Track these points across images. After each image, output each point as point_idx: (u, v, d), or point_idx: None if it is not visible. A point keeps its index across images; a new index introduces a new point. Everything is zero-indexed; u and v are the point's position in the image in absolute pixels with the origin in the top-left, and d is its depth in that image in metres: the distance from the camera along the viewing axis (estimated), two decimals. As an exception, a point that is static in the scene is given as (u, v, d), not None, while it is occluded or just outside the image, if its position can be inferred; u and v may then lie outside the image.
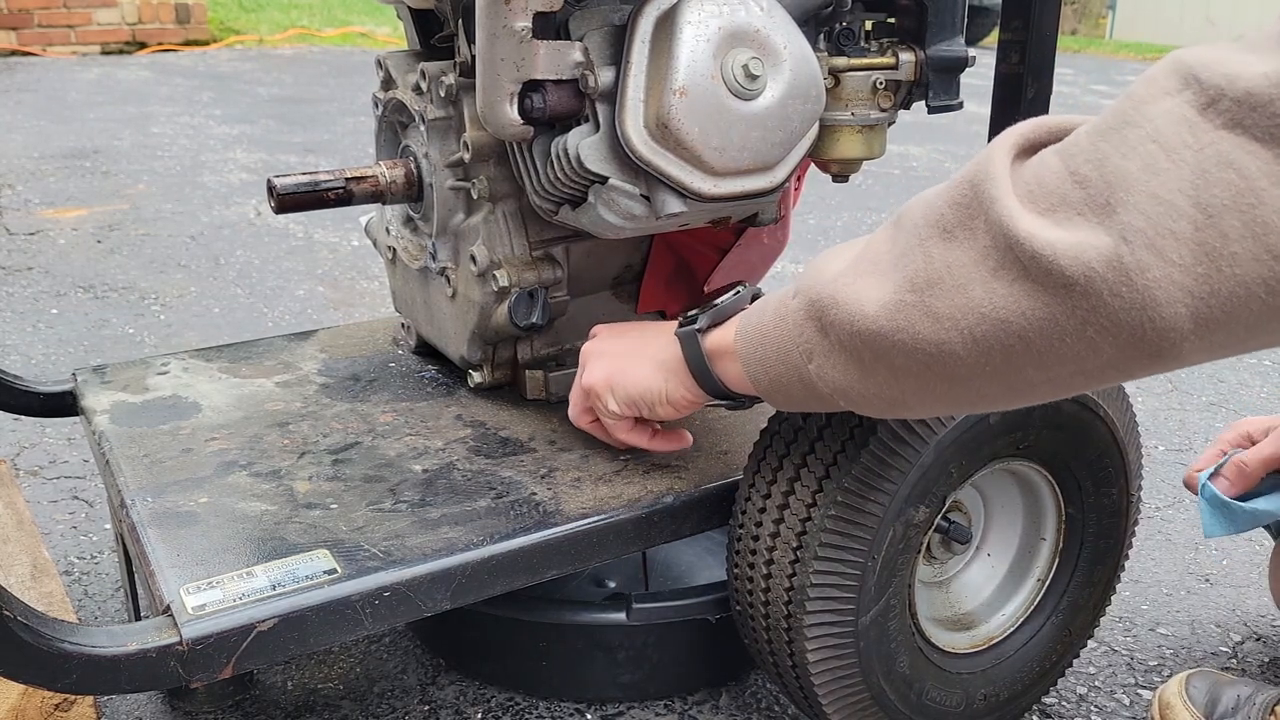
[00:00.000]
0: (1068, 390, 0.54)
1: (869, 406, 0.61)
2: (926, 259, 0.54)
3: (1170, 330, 0.46)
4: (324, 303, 2.07)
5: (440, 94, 0.90)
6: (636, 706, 0.97)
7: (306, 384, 1.01)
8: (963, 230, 0.52)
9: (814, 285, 0.60)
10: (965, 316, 0.52)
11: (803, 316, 0.61)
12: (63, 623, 0.63)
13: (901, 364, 0.56)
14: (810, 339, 0.61)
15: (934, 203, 0.55)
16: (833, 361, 0.60)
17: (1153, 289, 0.45)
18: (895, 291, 0.55)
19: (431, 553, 0.73)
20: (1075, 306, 0.48)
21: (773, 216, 0.95)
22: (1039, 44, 0.93)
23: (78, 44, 5.66)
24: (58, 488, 1.35)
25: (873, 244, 0.59)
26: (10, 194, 2.81)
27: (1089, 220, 0.47)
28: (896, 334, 0.55)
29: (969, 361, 0.53)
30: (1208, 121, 0.45)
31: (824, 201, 2.95)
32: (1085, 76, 6.55)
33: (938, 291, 0.53)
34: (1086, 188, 0.48)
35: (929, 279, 0.53)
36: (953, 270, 0.52)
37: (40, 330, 1.89)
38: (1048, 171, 0.50)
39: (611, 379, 0.81)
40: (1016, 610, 0.91)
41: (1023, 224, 0.49)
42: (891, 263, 0.56)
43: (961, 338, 0.52)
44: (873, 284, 0.56)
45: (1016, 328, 0.50)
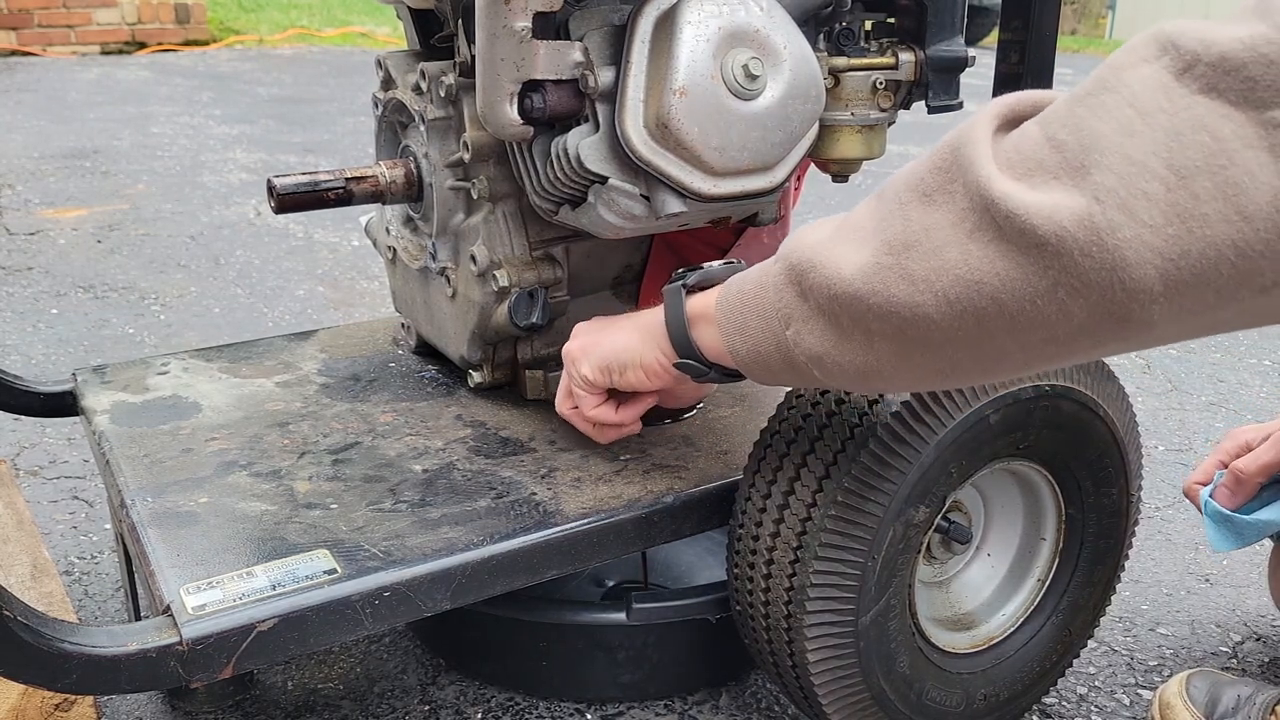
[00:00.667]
0: (1040, 361, 0.54)
1: (843, 376, 0.61)
2: (905, 221, 0.54)
3: (1140, 291, 0.46)
4: (324, 303, 2.07)
5: (440, 94, 0.90)
6: (636, 706, 0.97)
7: (306, 384, 1.01)
8: (941, 194, 0.53)
9: (795, 250, 0.61)
10: (940, 278, 0.52)
11: (783, 280, 0.61)
12: (63, 623, 0.63)
13: (877, 328, 0.56)
14: (789, 303, 0.61)
15: (916, 168, 0.55)
16: (810, 326, 0.60)
17: (1123, 249, 0.45)
18: (873, 254, 0.55)
19: (431, 553, 0.73)
20: (1047, 266, 0.48)
21: (772, 216, 0.95)
22: (1039, 44, 0.93)
23: (77, 44, 5.66)
24: (58, 488, 1.35)
25: (856, 212, 0.59)
26: (10, 194, 2.81)
27: (1063, 182, 0.48)
28: (872, 296, 0.55)
29: (943, 325, 0.53)
30: (1183, 86, 0.45)
31: (824, 201, 2.95)
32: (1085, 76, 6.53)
33: (914, 253, 0.53)
34: (1062, 151, 0.48)
35: (906, 241, 0.54)
36: (930, 232, 0.53)
37: (40, 330, 1.89)
38: (1026, 140, 0.50)
39: (587, 346, 0.81)
40: (1017, 610, 0.91)
41: (998, 185, 0.49)
42: (872, 228, 0.56)
43: (936, 300, 0.52)
44: (852, 248, 0.57)
45: (990, 289, 0.50)
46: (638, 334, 0.78)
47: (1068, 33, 9.79)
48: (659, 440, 0.91)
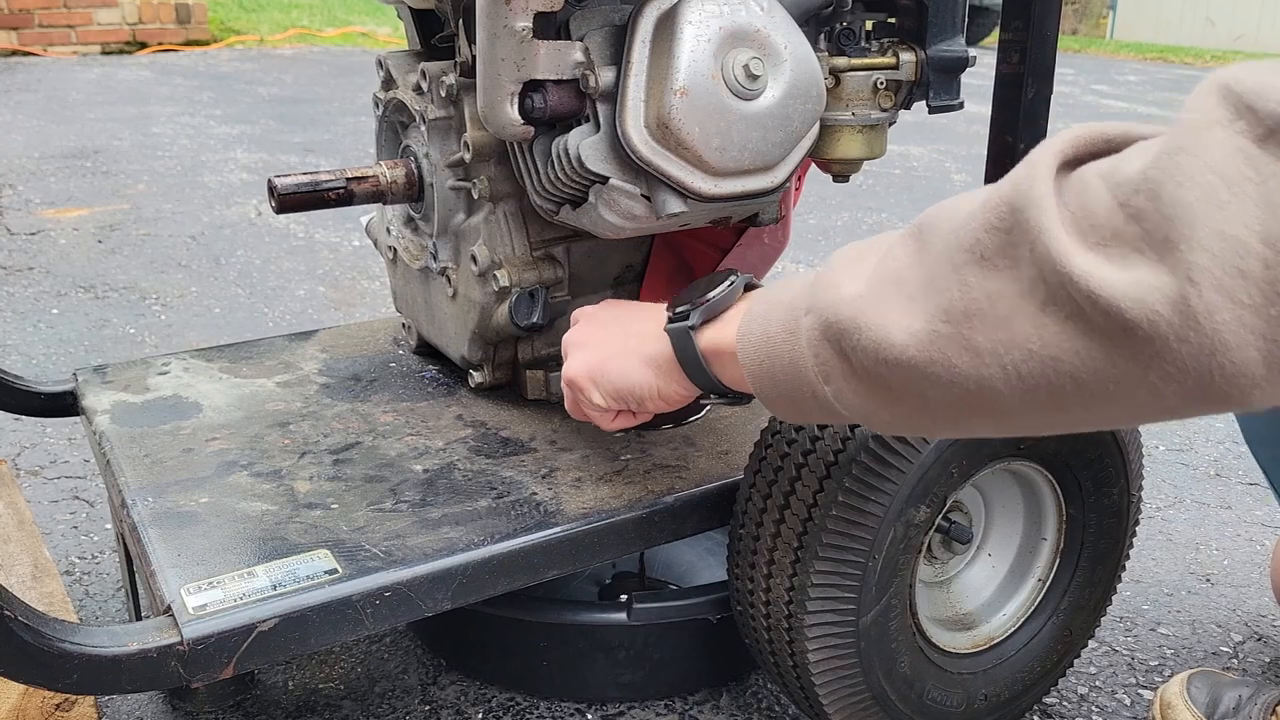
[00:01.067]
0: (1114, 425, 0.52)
1: (889, 429, 0.59)
2: (963, 287, 0.50)
3: (1241, 376, 0.43)
4: (324, 303, 2.07)
5: (441, 94, 0.90)
6: (637, 706, 0.97)
7: (307, 384, 1.01)
8: (1003, 259, 0.48)
9: (831, 305, 0.56)
10: (1009, 352, 0.48)
11: (818, 336, 0.57)
12: (64, 623, 0.63)
13: (935, 395, 0.52)
14: (827, 361, 0.57)
15: (967, 224, 0.50)
16: (853, 387, 0.56)
17: (1222, 332, 0.42)
18: (927, 320, 0.51)
19: (432, 553, 0.73)
20: (1138, 352, 0.44)
21: (773, 216, 0.95)
22: (1039, 44, 0.93)
23: (78, 44, 5.66)
24: (58, 488, 1.35)
25: (892, 260, 0.55)
26: (11, 194, 2.81)
27: (1148, 258, 0.44)
28: (930, 366, 0.51)
29: (1011, 397, 0.49)
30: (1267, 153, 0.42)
31: (824, 201, 2.95)
32: (1086, 76, 6.54)
33: (977, 324, 0.49)
34: (1141, 222, 0.44)
35: (966, 309, 0.49)
36: (994, 302, 0.49)
37: (41, 330, 1.89)
38: (1095, 201, 0.46)
39: (594, 373, 0.77)
40: (1017, 610, 0.91)
41: (1077, 261, 0.45)
42: (920, 287, 0.52)
43: (1004, 374, 0.49)
44: (900, 309, 0.53)
45: (1068, 367, 0.47)
46: (650, 369, 0.74)
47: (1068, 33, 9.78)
48: (659, 440, 0.91)
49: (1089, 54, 8.36)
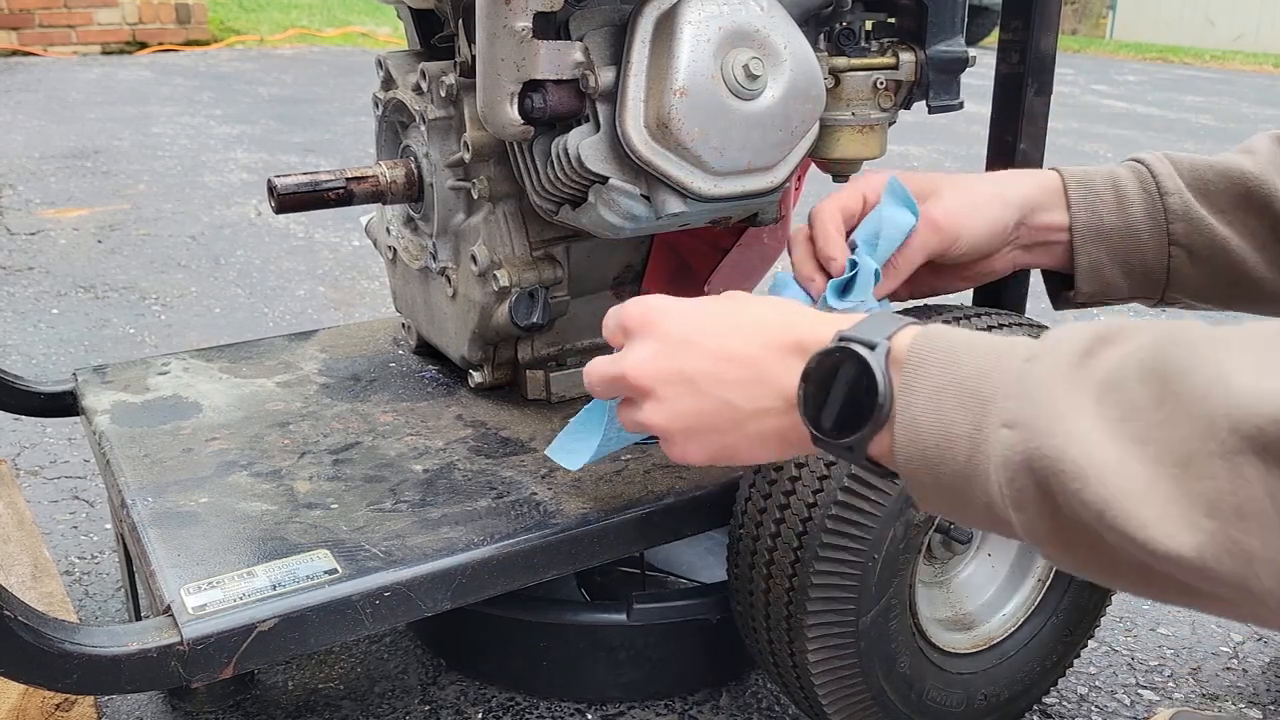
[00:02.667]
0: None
1: (1077, 574, 0.49)
2: (1236, 480, 0.40)
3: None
4: (324, 303, 2.07)
5: (441, 94, 0.90)
6: (637, 706, 0.97)
7: (307, 384, 1.01)
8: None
9: (1043, 430, 0.45)
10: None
11: (1019, 462, 0.46)
12: (63, 623, 0.63)
13: (1165, 579, 0.43)
14: (1025, 493, 0.46)
15: (1246, 404, 0.41)
16: (1050, 528, 0.46)
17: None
18: (1187, 508, 0.42)
19: (432, 553, 0.73)
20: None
21: (773, 216, 0.95)
22: (1039, 44, 0.93)
23: (78, 44, 5.66)
24: (58, 488, 1.35)
25: (1127, 392, 0.44)
26: (11, 194, 2.81)
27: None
28: (1178, 560, 0.42)
29: (1267, 604, 0.41)
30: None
31: (824, 201, 2.95)
32: (1085, 76, 6.54)
33: (1253, 527, 0.40)
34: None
35: (1239, 507, 0.40)
36: (1278, 504, 0.40)
37: (41, 330, 1.89)
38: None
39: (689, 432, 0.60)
40: (1017, 610, 0.91)
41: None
42: (1170, 453, 0.42)
43: (1275, 584, 0.40)
44: (1141, 470, 0.43)
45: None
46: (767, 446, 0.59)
47: (1068, 32, 9.78)
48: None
49: (1089, 54, 8.36)
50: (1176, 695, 1.02)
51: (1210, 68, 7.54)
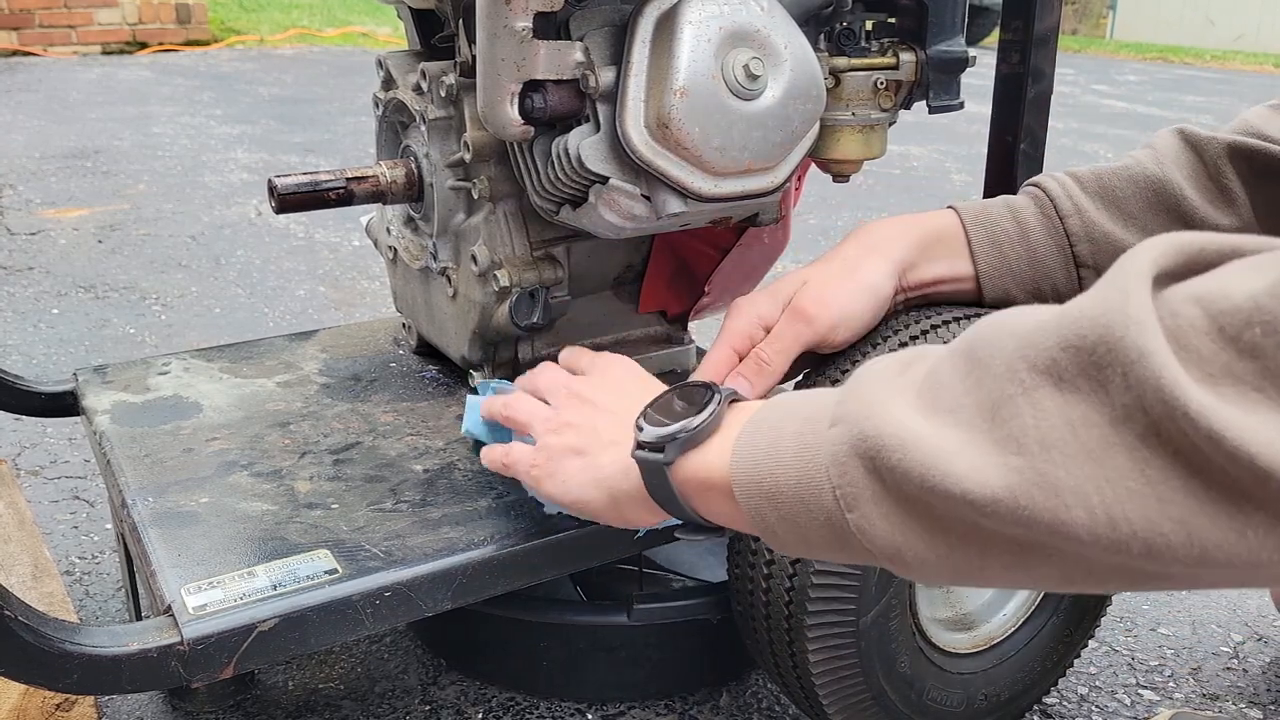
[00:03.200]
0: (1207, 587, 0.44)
1: (926, 572, 0.49)
2: (1036, 412, 0.42)
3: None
4: (325, 303, 2.08)
5: (441, 94, 0.90)
6: (637, 706, 0.97)
7: (307, 384, 1.01)
8: (1087, 381, 0.41)
9: (865, 417, 0.48)
10: (1099, 491, 0.40)
11: (846, 452, 0.48)
12: (64, 623, 0.63)
13: (994, 532, 0.44)
14: (855, 483, 0.48)
15: (1036, 340, 0.43)
16: (885, 514, 0.47)
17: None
18: (995, 451, 0.43)
19: (432, 553, 0.73)
20: (1268, 502, 0.38)
21: (773, 217, 0.95)
22: (1040, 44, 0.93)
23: (79, 44, 5.66)
24: (59, 488, 1.35)
25: (938, 377, 0.47)
26: (11, 194, 2.81)
27: (1271, 399, 0.38)
28: (993, 504, 0.43)
29: (1097, 545, 0.41)
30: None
31: (825, 202, 2.95)
32: (1086, 76, 6.54)
33: (1056, 456, 0.41)
34: (1259, 358, 0.38)
35: (1043, 439, 0.42)
36: (1078, 431, 0.41)
37: (41, 330, 1.89)
38: (1192, 330, 0.39)
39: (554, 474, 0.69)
40: (1017, 610, 0.91)
41: (1193, 394, 0.38)
42: (980, 411, 0.44)
43: (1090, 518, 0.41)
44: (955, 434, 0.45)
45: (1176, 513, 0.39)
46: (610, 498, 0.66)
47: (1068, 32, 9.79)
48: (660, 440, 0.91)
49: (1089, 54, 8.36)
50: (1177, 695, 1.02)
51: (1211, 68, 7.54)
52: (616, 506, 0.66)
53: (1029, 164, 0.97)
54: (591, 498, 0.67)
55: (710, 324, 1.95)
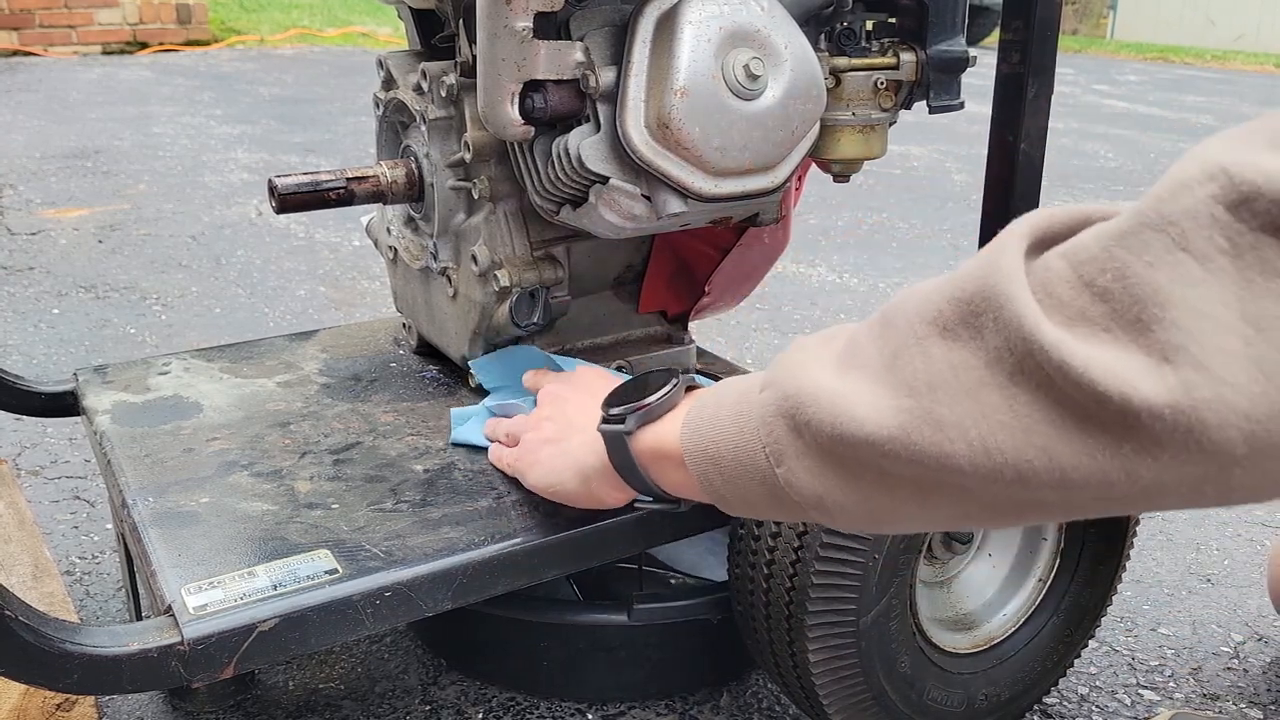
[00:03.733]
0: (1081, 513, 0.48)
1: (847, 519, 0.54)
2: (925, 359, 0.47)
3: (1220, 454, 0.41)
4: (325, 303, 2.08)
5: (441, 94, 0.90)
6: (637, 706, 0.97)
7: (308, 384, 1.01)
8: (965, 328, 0.46)
9: (788, 380, 0.53)
10: (976, 425, 0.45)
11: (772, 413, 0.54)
12: (64, 623, 0.63)
13: (894, 474, 0.50)
14: (780, 439, 0.54)
15: (930, 297, 0.49)
16: (807, 466, 0.53)
17: (1200, 409, 0.40)
18: (890, 395, 0.49)
19: (433, 553, 0.73)
20: (1109, 423, 0.42)
21: (774, 216, 0.95)
22: (1040, 44, 0.93)
23: (79, 44, 5.66)
24: (59, 488, 1.35)
25: (855, 340, 0.53)
26: (12, 194, 2.81)
27: (1118, 338, 0.42)
28: (890, 443, 0.48)
29: (976, 475, 0.46)
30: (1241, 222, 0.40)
31: (825, 201, 2.95)
32: (1086, 76, 6.54)
33: (941, 395, 0.47)
34: (1108, 301, 0.42)
35: (930, 381, 0.47)
36: (958, 373, 0.46)
37: (42, 330, 1.89)
38: (1057, 280, 0.44)
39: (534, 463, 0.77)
40: (1018, 610, 0.91)
41: (1047, 331, 0.43)
42: (883, 363, 0.50)
43: (970, 449, 0.46)
44: (861, 385, 0.50)
45: (1040, 439, 0.44)
46: (579, 475, 0.73)
47: (1069, 32, 9.78)
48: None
49: (1089, 54, 8.36)
50: (1177, 695, 1.02)
51: (1211, 67, 7.54)
52: (587, 485, 0.72)
53: (1029, 164, 0.97)
54: (565, 480, 0.74)
55: (710, 324, 1.95)
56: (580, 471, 0.73)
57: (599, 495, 0.73)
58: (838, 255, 2.50)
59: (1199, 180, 0.41)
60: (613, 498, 0.72)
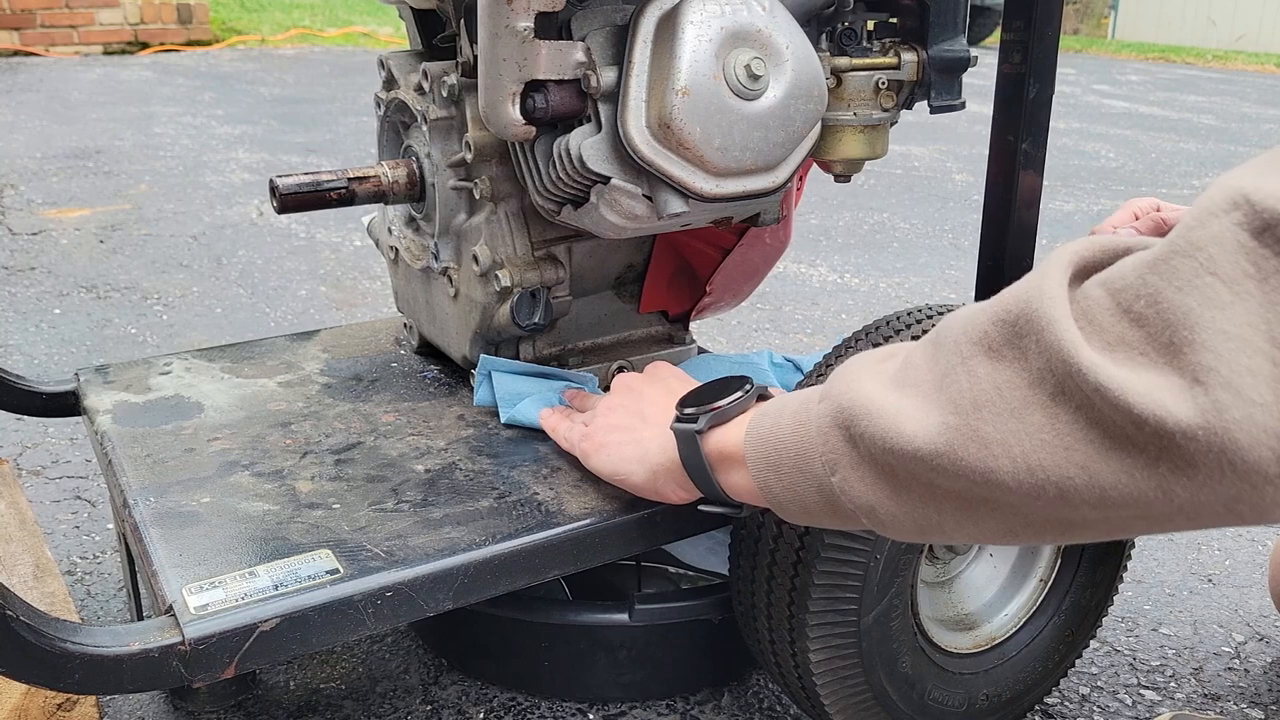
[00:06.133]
0: (1122, 532, 0.50)
1: (898, 528, 0.57)
2: (971, 378, 0.50)
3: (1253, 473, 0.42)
4: (326, 303, 2.08)
5: (442, 94, 0.90)
6: (638, 706, 0.97)
7: (309, 384, 1.01)
8: (1010, 349, 0.49)
9: (845, 393, 0.56)
10: (1019, 443, 0.48)
11: (829, 424, 0.57)
12: (65, 622, 0.63)
13: (941, 487, 0.52)
14: (836, 449, 0.56)
15: (976, 319, 0.51)
16: (861, 475, 0.56)
17: (1233, 430, 0.42)
18: (938, 412, 0.51)
19: (434, 553, 0.73)
20: (1146, 445, 0.44)
21: (775, 216, 0.95)
22: (1041, 44, 0.93)
23: (80, 44, 5.66)
24: (60, 487, 1.35)
25: (911, 359, 0.55)
26: (13, 194, 2.81)
27: (1153, 361, 0.44)
28: (936, 458, 0.50)
29: (1019, 491, 0.48)
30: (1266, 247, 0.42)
31: (826, 202, 2.95)
32: (1087, 76, 6.54)
33: (986, 415, 0.49)
34: (1144, 326, 0.44)
35: (975, 400, 0.49)
36: (1003, 392, 0.48)
37: (43, 330, 1.89)
38: (1096, 306, 0.46)
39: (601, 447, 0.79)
40: (1019, 610, 0.91)
41: (1085, 354, 0.45)
42: (933, 381, 0.52)
43: (1013, 466, 0.48)
44: (912, 401, 0.53)
45: (1080, 458, 0.46)
46: (649, 470, 0.75)
47: (1070, 33, 9.78)
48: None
49: (1090, 54, 8.35)
50: (1178, 695, 1.02)
51: (1212, 68, 7.54)
52: (654, 479, 0.74)
53: (1030, 164, 0.97)
54: (632, 470, 0.76)
55: (711, 324, 1.95)
56: (649, 464, 0.74)
57: (664, 491, 0.75)
58: (839, 255, 2.50)
59: (1224, 208, 0.43)
60: (676, 495, 0.74)
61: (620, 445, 0.78)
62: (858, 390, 0.55)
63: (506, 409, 0.92)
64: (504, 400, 0.92)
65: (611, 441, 0.79)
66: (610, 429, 0.80)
